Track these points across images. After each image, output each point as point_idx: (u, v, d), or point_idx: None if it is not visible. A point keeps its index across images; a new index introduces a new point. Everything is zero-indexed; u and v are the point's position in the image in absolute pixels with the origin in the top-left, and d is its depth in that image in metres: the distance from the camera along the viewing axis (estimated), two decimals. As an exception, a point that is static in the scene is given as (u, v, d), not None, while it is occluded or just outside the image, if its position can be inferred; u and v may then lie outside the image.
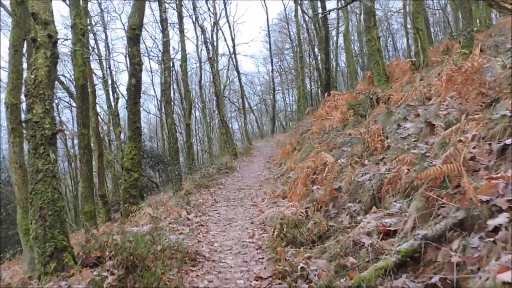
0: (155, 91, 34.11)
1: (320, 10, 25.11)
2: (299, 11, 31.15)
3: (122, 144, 19.18)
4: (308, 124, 17.44)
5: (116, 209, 18.56)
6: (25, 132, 6.08)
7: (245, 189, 11.15)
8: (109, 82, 21.48)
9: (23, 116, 7.22)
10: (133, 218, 8.00)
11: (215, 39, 28.11)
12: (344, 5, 21.47)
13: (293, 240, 5.20)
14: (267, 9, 52.32)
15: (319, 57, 27.91)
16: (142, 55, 30.35)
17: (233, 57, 30.24)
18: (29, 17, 6.29)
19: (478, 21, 18.33)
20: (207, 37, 22.82)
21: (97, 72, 24.14)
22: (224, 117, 23.05)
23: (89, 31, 20.14)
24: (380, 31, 29.66)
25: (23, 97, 7.06)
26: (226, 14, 29.98)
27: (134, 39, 8.61)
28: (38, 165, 4.29)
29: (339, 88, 29.12)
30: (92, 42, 22.56)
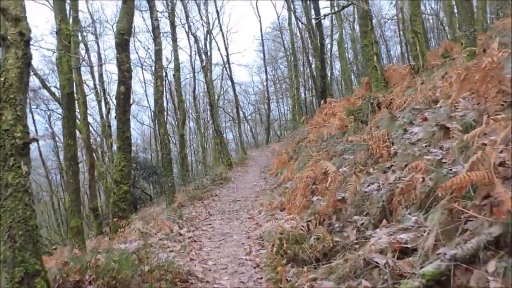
0: (148, 101, 33.69)
1: (313, 18, 24.86)
2: (293, 18, 30.95)
3: (114, 156, 18.66)
4: (305, 132, 17.01)
5: (108, 222, 18.00)
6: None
7: (241, 200, 10.66)
8: (100, 92, 21.00)
9: None
10: (122, 234, 7.50)
11: (208, 48, 27.78)
12: (340, 9, 21.18)
13: (294, 257, 4.72)
14: (260, 18, 52.27)
15: (313, 65, 27.60)
16: (135, 65, 29.84)
17: (227, 67, 29.91)
18: None
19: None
20: (200, 46, 22.46)
21: (90, 84, 23.81)
22: (219, 127, 22.59)
23: (79, 41, 19.74)
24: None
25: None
26: (219, 23, 29.66)
27: (123, 45, 8.16)
28: (8, 178, 3.79)
29: (334, 96, 28.79)
30: (85, 53, 22.19)
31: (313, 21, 24.90)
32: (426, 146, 4.82)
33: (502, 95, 3.89)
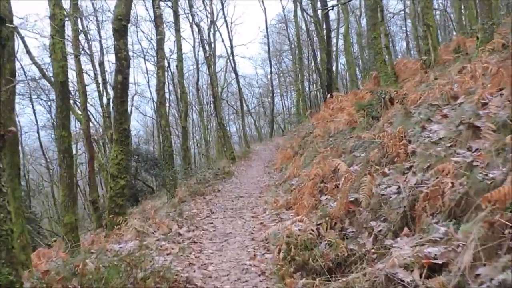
0: (151, 92, 33.14)
1: (320, 9, 24.28)
2: (299, 10, 30.34)
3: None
4: (310, 127, 16.53)
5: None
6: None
7: (244, 197, 10.24)
8: (101, 81, 20.55)
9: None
10: (118, 231, 7.09)
11: (212, 39, 27.24)
12: (348, 0, 20.59)
13: (303, 265, 4.30)
14: (265, 9, 51.32)
15: (318, 58, 27.07)
16: (137, 55, 29.26)
17: (231, 58, 29.35)
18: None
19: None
20: (204, 37, 21.92)
21: (91, 74, 23.35)
22: (222, 119, 22.16)
23: (80, 30, 19.25)
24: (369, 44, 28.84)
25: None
26: (223, 14, 29.04)
27: (121, 31, 7.70)
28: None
29: (339, 90, 28.26)
30: (85, 41, 21.70)
31: (320, 13, 24.40)
32: (450, 146, 4.37)
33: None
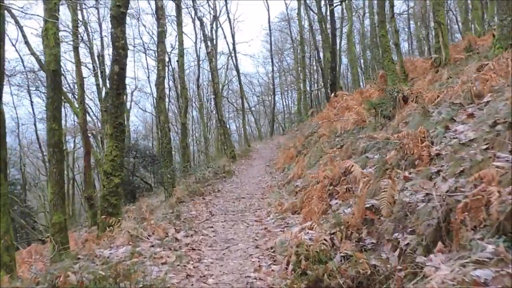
0: (151, 88, 32.57)
1: (326, 6, 23.77)
2: (302, 8, 29.82)
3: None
4: (313, 126, 16.02)
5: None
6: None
7: (246, 198, 9.72)
8: (99, 74, 20.02)
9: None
10: (110, 233, 6.57)
11: (214, 36, 26.68)
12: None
13: (316, 281, 3.77)
14: (268, 7, 50.61)
15: (321, 56, 26.53)
16: (138, 51, 28.64)
17: (232, 56, 28.82)
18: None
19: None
20: (205, 31, 21.39)
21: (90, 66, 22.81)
22: (222, 116, 21.64)
23: (80, 21, 18.69)
24: (374, 43, 28.47)
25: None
26: (227, 10, 28.50)
27: (119, 18, 7.17)
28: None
29: (342, 90, 27.78)
30: (84, 32, 21.12)
31: (323, 10, 23.88)
32: (486, 148, 3.86)
33: None
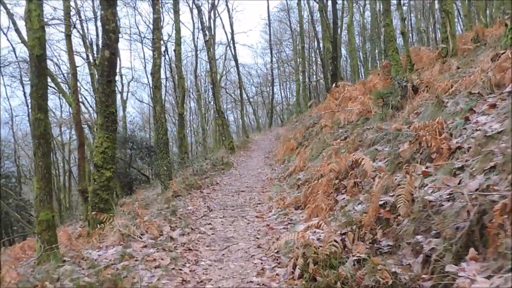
0: (148, 78, 32.03)
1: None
2: (302, -1, 29.30)
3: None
4: (314, 117, 15.57)
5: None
6: None
7: (245, 191, 9.30)
8: (93, 63, 19.50)
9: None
10: (101, 231, 6.15)
11: (212, 25, 26.11)
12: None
13: (328, 289, 3.38)
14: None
15: (321, 45, 26.05)
16: (134, 40, 28.01)
17: (231, 45, 28.24)
18: None
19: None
20: (203, 19, 20.81)
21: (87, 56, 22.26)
22: (221, 107, 21.15)
23: (73, 7, 18.13)
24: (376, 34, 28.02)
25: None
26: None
27: None
28: None
29: (343, 80, 27.33)
30: (77, 19, 20.53)
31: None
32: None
33: None
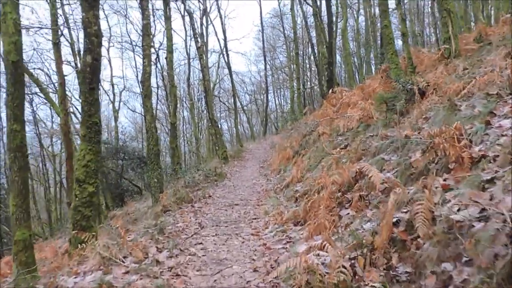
0: (140, 87, 31.48)
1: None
2: (296, 2, 28.97)
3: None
4: (310, 125, 15.06)
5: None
6: None
7: (239, 205, 8.73)
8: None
9: None
10: (82, 251, 5.56)
11: (204, 32, 25.62)
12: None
13: (339, 328, 2.84)
14: (260, 2, 49.53)
15: (316, 51, 25.68)
16: (125, 48, 27.53)
17: (224, 53, 27.76)
18: None
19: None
20: (195, 26, 20.32)
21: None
22: (214, 116, 20.62)
23: (60, 15, 17.59)
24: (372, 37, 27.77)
25: None
26: (217, 5, 27.53)
27: (90, 1, 6.17)
28: None
29: (339, 86, 26.95)
30: (64, 27, 20.00)
31: (318, 3, 22.95)
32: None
33: None
